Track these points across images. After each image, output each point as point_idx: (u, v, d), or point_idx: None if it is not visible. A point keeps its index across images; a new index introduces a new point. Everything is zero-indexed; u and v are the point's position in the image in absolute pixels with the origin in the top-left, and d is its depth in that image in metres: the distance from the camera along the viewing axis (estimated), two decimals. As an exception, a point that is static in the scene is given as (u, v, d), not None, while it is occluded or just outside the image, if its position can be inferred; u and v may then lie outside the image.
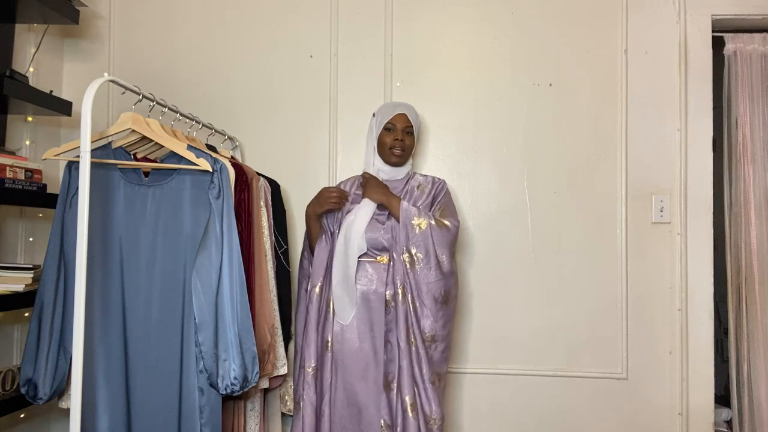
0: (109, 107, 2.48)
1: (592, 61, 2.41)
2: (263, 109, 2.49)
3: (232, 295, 1.70)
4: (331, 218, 2.04)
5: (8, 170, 1.92)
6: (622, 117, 2.38)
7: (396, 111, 2.05)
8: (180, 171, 1.75)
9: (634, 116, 2.38)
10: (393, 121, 2.04)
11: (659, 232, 2.36)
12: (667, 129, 2.37)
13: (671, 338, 2.34)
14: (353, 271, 1.93)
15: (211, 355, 1.68)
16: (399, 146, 2.02)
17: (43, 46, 2.29)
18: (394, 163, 2.05)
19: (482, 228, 2.41)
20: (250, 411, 2.00)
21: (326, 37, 2.48)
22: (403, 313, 1.89)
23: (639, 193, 2.37)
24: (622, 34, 2.40)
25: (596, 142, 2.39)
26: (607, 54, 2.40)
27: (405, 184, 2.09)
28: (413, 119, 2.06)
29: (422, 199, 2.05)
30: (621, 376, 2.34)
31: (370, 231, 1.95)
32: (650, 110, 2.38)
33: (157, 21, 2.54)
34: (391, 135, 2.03)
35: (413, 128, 2.06)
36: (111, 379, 1.72)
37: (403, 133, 2.04)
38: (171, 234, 1.74)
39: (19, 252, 2.23)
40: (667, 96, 2.38)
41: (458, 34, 2.46)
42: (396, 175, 2.08)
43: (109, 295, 1.73)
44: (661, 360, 2.34)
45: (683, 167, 2.35)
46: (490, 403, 2.37)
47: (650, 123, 2.38)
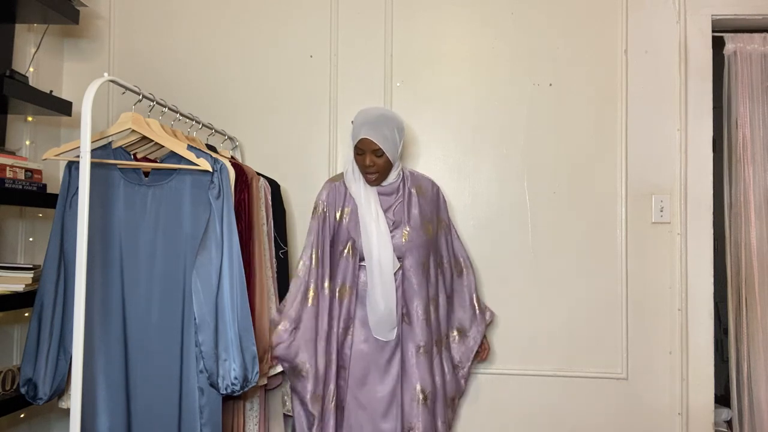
0: (109, 107, 2.48)
1: (592, 61, 2.41)
2: (263, 109, 2.49)
3: (232, 295, 1.70)
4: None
5: (8, 170, 1.92)
6: (621, 117, 2.38)
7: (360, 135, 1.93)
8: (180, 171, 1.75)
9: (634, 116, 2.38)
10: (360, 146, 1.95)
11: (659, 232, 2.36)
12: (667, 129, 2.37)
13: (671, 338, 2.34)
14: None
15: (211, 355, 1.68)
16: (371, 171, 1.96)
17: (43, 46, 2.29)
18: (372, 182, 2.00)
19: (482, 228, 2.41)
20: (249, 411, 2.00)
21: (326, 37, 2.48)
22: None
23: (639, 193, 2.37)
24: (622, 34, 2.40)
25: (596, 142, 2.39)
26: (607, 54, 2.40)
27: (403, 187, 2.05)
28: (380, 141, 1.92)
29: (424, 205, 2.05)
30: (621, 376, 2.34)
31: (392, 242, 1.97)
32: (650, 110, 2.38)
33: (157, 21, 2.54)
34: (362, 159, 1.96)
35: (382, 150, 1.93)
36: (111, 379, 1.72)
37: (372, 157, 1.94)
38: (171, 234, 1.74)
39: (19, 252, 2.23)
40: (667, 96, 2.38)
41: (458, 34, 2.46)
42: (388, 181, 2.03)
43: (109, 295, 1.73)
44: (660, 360, 2.33)
45: (683, 167, 2.35)
46: (490, 403, 2.37)
47: (650, 123, 2.38)
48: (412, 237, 1.99)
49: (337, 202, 2.04)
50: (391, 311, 1.94)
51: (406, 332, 1.98)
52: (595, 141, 2.39)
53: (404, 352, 1.98)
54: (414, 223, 2.01)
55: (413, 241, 1.98)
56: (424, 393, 1.95)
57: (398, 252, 1.97)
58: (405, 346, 1.98)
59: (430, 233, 2.05)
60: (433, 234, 2.06)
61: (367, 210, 1.97)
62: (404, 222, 2.00)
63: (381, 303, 1.93)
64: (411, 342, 1.98)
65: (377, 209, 1.98)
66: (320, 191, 2.07)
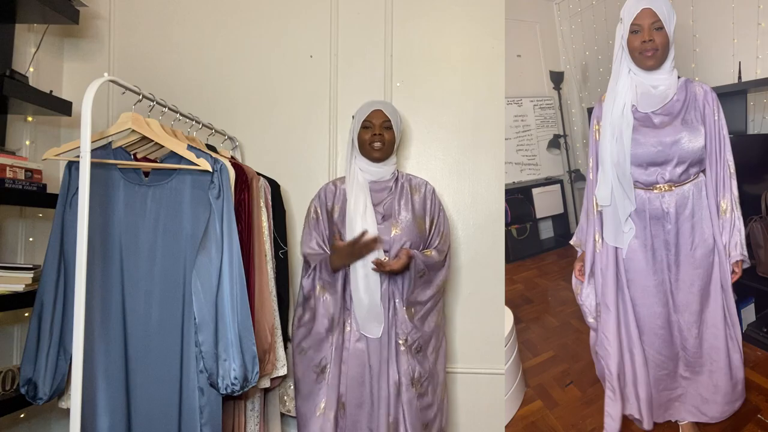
0: (109, 107, 2.47)
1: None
2: (263, 109, 2.49)
3: (232, 295, 1.71)
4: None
5: (8, 170, 1.93)
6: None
7: (372, 108, 2.04)
8: (180, 171, 1.75)
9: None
10: (370, 119, 2.02)
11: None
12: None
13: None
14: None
15: (211, 355, 1.68)
16: (378, 140, 2.00)
17: (43, 46, 2.29)
18: (377, 159, 2.02)
19: (482, 227, 2.41)
20: (250, 411, 2.01)
21: (326, 37, 2.48)
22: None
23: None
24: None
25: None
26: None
27: (396, 185, 2.07)
28: (391, 114, 2.04)
29: (417, 202, 2.05)
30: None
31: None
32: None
33: (157, 21, 2.54)
34: (370, 131, 2.01)
35: (392, 123, 2.03)
36: (111, 379, 1.72)
37: (381, 128, 2.01)
38: (171, 234, 1.74)
39: (19, 252, 2.23)
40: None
41: (458, 34, 2.46)
42: (383, 174, 2.05)
43: (109, 295, 1.73)
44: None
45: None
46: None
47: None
48: (401, 231, 1.98)
49: (328, 200, 2.06)
50: (375, 306, 1.92)
51: (390, 325, 1.95)
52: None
53: (389, 344, 1.95)
54: (404, 217, 2.01)
55: (402, 235, 1.98)
56: (400, 387, 1.92)
57: (386, 246, 1.96)
58: (389, 338, 1.95)
59: (422, 230, 2.04)
60: (425, 231, 2.05)
61: (355, 203, 1.98)
62: (394, 216, 2.00)
63: (365, 298, 1.92)
64: (393, 335, 1.95)
65: (366, 202, 1.99)
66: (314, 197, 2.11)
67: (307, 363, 1.96)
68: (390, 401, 1.91)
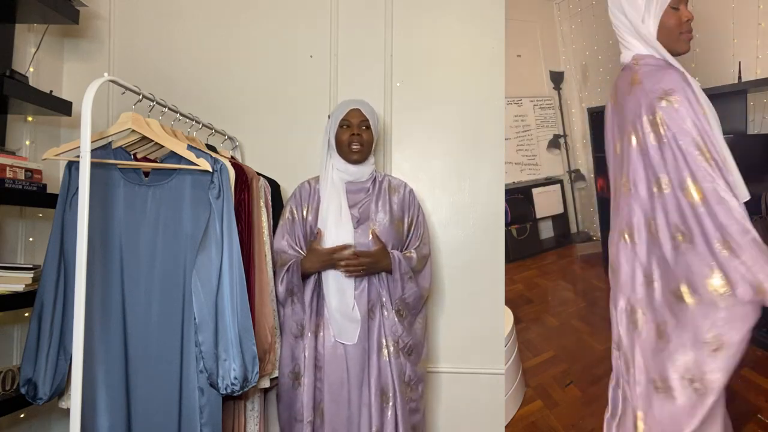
0: (109, 107, 2.47)
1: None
2: (263, 109, 2.49)
3: (232, 295, 1.71)
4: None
5: (8, 170, 1.92)
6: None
7: (350, 107, 2.01)
8: (180, 171, 1.75)
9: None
10: (347, 118, 2.00)
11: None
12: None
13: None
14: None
15: (211, 355, 1.68)
16: (357, 141, 1.98)
17: (43, 46, 2.29)
18: (356, 161, 2.00)
19: (482, 227, 2.41)
20: (250, 411, 2.01)
21: (326, 37, 2.48)
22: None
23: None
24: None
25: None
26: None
27: (374, 186, 2.05)
28: (369, 114, 2.02)
29: (395, 203, 2.04)
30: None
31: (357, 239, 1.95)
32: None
33: (157, 21, 2.54)
34: (348, 131, 1.99)
35: (370, 123, 2.01)
36: (111, 379, 1.72)
37: (359, 128, 1.99)
38: (171, 234, 1.74)
39: (19, 252, 2.23)
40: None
41: (458, 34, 2.46)
42: (360, 175, 2.04)
43: (109, 295, 1.73)
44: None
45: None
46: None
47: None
48: (378, 233, 1.96)
49: (304, 200, 2.05)
50: (347, 310, 1.91)
51: (372, 330, 1.94)
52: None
53: (370, 350, 1.94)
54: (381, 218, 2.00)
55: (379, 237, 1.96)
56: (388, 392, 1.91)
57: (363, 248, 1.94)
58: (371, 344, 1.94)
59: (400, 232, 2.03)
60: (402, 233, 2.04)
61: (329, 204, 1.97)
62: (371, 219, 1.99)
63: (335, 301, 1.91)
64: (376, 341, 1.94)
65: (342, 203, 1.98)
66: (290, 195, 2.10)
67: (282, 369, 1.97)
68: (372, 410, 1.88)
